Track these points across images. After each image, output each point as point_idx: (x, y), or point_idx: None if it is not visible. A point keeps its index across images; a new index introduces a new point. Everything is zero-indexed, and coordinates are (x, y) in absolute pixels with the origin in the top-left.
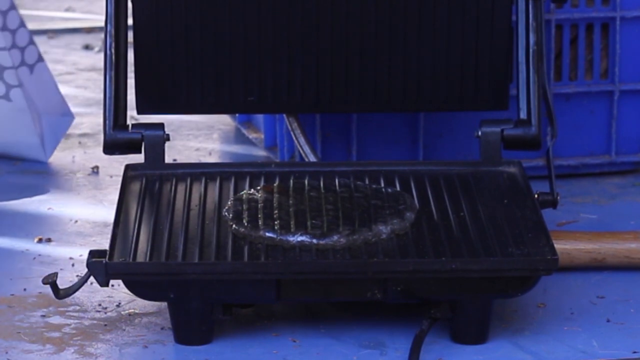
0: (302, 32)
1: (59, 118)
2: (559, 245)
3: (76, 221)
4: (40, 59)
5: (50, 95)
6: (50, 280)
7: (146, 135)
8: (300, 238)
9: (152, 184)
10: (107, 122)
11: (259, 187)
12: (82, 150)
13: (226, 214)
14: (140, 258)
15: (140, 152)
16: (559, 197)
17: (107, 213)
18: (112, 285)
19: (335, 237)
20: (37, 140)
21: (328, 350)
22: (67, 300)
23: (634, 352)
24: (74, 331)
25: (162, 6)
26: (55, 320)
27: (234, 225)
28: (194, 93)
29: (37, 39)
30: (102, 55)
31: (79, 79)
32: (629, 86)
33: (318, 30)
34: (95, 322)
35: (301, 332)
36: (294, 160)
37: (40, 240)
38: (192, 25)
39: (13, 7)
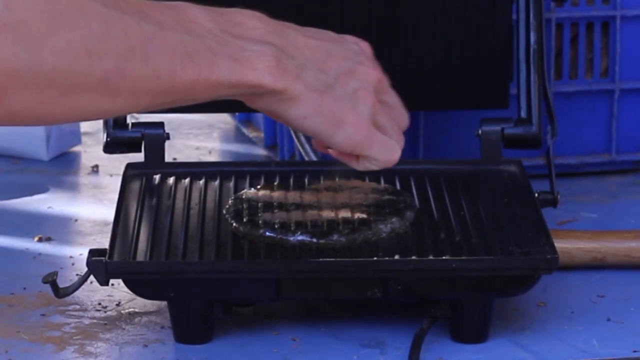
0: None
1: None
2: (559, 244)
3: (76, 220)
4: None
5: None
6: (50, 279)
7: (146, 134)
8: (300, 237)
9: (152, 183)
10: (107, 121)
11: (259, 186)
12: (82, 149)
13: (226, 212)
14: (140, 257)
15: (140, 151)
16: (559, 196)
17: (107, 212)
18: (112, 284)
19: (335, 236)
20: (43, 135)
21: (328, 349)
22: (67, 299)
23: (635, 351)
24: (73, 330)
25: None
26: (55, 319)
27: (234, 224)
28: None
29: None
30: None
31: None
32: (630, 85)
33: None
34: (95, 321)
35: (301, 331)
36: (294, 159)
37: (40, 239)
38: None
39: None
